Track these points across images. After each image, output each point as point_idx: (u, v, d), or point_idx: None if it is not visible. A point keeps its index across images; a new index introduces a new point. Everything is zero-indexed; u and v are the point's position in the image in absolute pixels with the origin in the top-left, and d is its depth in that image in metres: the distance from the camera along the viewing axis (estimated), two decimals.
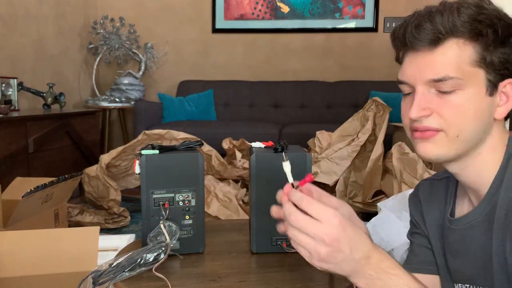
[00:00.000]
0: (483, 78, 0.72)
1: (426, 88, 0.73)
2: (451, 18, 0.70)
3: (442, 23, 0.70)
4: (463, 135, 0.73)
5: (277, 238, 1.08)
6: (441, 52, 0.71)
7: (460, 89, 0.71)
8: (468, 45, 0.71)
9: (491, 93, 0.73)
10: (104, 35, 4.30)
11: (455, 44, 0.71)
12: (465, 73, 0.71)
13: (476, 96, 0.72)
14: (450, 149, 0.74)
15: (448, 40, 0.71)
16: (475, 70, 0.71)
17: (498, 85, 0.73)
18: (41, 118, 3.06)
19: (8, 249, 1.34)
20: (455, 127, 0.72)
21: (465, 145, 0.74)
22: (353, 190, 2.75)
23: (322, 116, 4.13)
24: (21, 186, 1.97)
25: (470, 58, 0.71)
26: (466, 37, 0.71)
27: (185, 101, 4.16)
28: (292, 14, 4.41)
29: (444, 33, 0.71)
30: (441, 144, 0.74)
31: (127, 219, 2.60)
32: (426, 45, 0.72)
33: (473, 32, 0.70)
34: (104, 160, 2.63)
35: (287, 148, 1.10)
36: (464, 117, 0.72)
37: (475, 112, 0.72)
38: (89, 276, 0.89)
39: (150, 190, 1.04)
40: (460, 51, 0.71)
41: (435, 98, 0.73)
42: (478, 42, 0.71)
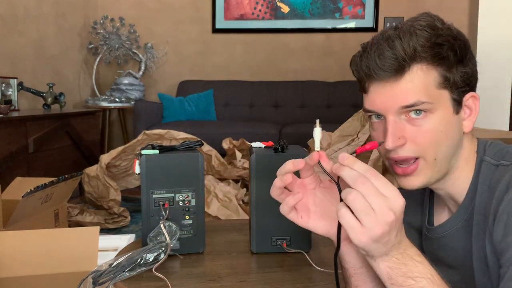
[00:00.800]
0: (448, 98, 0.73)
1: (397, 116, 0.73)
2: (411, 44, 0.70)
3: (403, 49, 0.70)
4: (439, 156, 0.74)
5: (277, 238, 1.08)
6: (409, 79, 0.71)
7: (430, 113, 0.72)
8: (431, 69, 0.72)
9: (457, 111, 0.75)
10: (104, 35, 4.30)
11: (420, 70, 0.71)
12: (432, 97, 0.72)
13: (445, 117, 0.73)
14: (433, 173, 0.75)
15: (412, 67, 0.71)
16: (440, 92, 0.73)
17: (462, 101, 0.75)
18: (41, 118, 3.06)
19: (8, 249, 1.34)
20: (431, 151, 0.73)
21: (444, 165, 0.76)
22: None
23: (322, 116, 4.13)
24: (21, 186, 1.97)
25: (435, 81, 0.72)
26: (429, 61, 0.71)
27: (185, 101, 4.16)
28: (292, 14, 4.41)
29: (408, 60, 0.71)
30: (424, 173, 0.75)
31: (127, 219, 2.60)
32: (392, 75, 0.72)
33: (435, 57, 0.71)
34: (104, 160, 2.63)
35: (287, 148, 1.11)
36: (437, 140, 0.73)
37: (446, 133, 0.74)
38: (89, 276, 0.89)
39: (150, 190, 1.04)
40: (425, 76, 0.72)
41: (406, 125, 0.73)
42: (440, 65, 0.72)
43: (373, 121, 0.78)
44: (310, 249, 1.08)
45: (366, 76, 0.75)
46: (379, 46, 0.72)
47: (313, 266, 1.00)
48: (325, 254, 1.06)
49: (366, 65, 0.73)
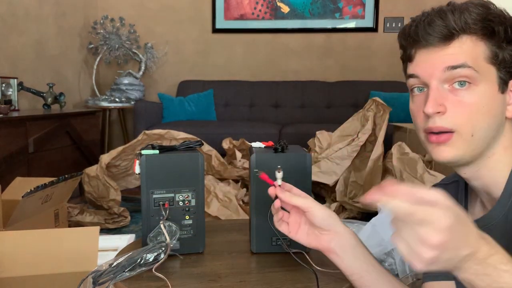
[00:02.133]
0: (495, 75, 0.72)
1: (440, 84, 0.73)
2: (463, 17, 0.72)
3: (454, 21, 0.72)
4: (477, 134, 0.72)
5: (277, 238, 1.08)
6: (457, 45, 0.72)
7: (474, 84, 0.71)
8: (481, 41, 0.72)
9: (503, 90, 0.73)
10: (104, 35, 4.30)
11: (469, 40, 0.72)
12: (479, 67, 0.71)
13: (490, 93, 0.72)
14: (466, 150, 0.73)
15: (461, 36, 0.72)
16: (488, 67, 0.72)
17: (508, 83, 0.74)
18: (41, 118, 3.06)
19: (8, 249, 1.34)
20: (469, 126, 0.72)
21: (480, 145, 0.73)
22: (353, 190, 2.74)
23: (322, 116, 4.13)
24: (21, 186, 1.97)
25: (484, 54, 0.72)
26: (479, 34, 0.72)
27: (185, 101, 4.16)
28: (292, 14, 4.41)
29: (458, 30, 0.72)
30: (457, 146, 0.73)
31: (127, 219, 2.60)
32: (441, 40, 0.72)
33: (485, 30, 0.72)
34: (104, 160, 2.63)
35: (287, 148, 1.11)
36: (478, 115, 0.72)
37: (489, 110, 0.72)
38: (89, 276, 0.89)
39: (150, 190, 1.04)
40: (474, 46, 0.72)
41: (449, 95, 0.73)
42: (490, 39, 0.72)
43: (414, 94, 0.78)
44: (310, 249, 1.08)
45: (414, 41, 0.75)
46: (430, 16, 0.74)
47: (313, 266, 1.00)
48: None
49: (414, 32, 0.75)
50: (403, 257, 0.55)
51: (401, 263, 1.90)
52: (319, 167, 2.78)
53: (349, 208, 2.65)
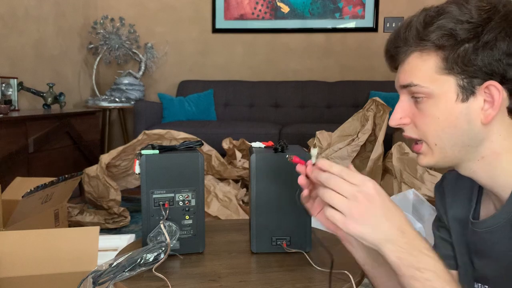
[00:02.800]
0: (453, 84, 0.71)
1: (405, 96, 0.77)
2: (406, 35, 0.73)
3: (401, 40, 0.74)
4: (440, 143, 0.74)
5: (277, 238, 1.08)
6: (407, 62, 0.75)
7: (429, 98, 0.73)
8: (430, 55, 0.72)
9: (465, 99, 0.71)
10: (104, 35, 4.30)
11: (418, 56, 0.73)
12: (431, 82, 0.72)
13: (446, 104, 0.72)
14: (438, 158, 0.76)
15: (411, 54, 0.74)
16: (443, 78, 0.71)
17: (475, 89, 0.70)
18: (41, 118, 3.06)
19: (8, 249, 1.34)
20: (430, 136, 0.74)
21: (450, 153, 0.74)
22: None
23: (322, 116, 4.14)
24: (21, 186, 1.97)
25: (435, 66, 0.72)
26: (428, 48, 0.72)
27: (185, 101, 4.16)
28: (292, 14, 4.41)
29: (403, 50, 0.74)
30: (428, 154, 0.76)
31: (127, 219, 2.60)
32: (399, 59, 0.76)
33: (427, 44, 0.71)
34: (104, 160, 2.63)
35: (287, 148, 1.11)
36: (435, 126, 0.73)
37: (446, 120, 0.72)
38: (89, 276, 0.89)
39: (150, 190, 1.04)
40: (422, 61, 0.73)
41: (412, 106, 0.76)
42: (439, 51, 0.71)
43: None
44: (310, 249, 1.08)
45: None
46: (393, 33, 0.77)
47: (313, 266, 1.00)
48: (325, 254, 1.06)
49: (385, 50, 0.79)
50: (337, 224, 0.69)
51: None
52: None
53: None
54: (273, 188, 1.07)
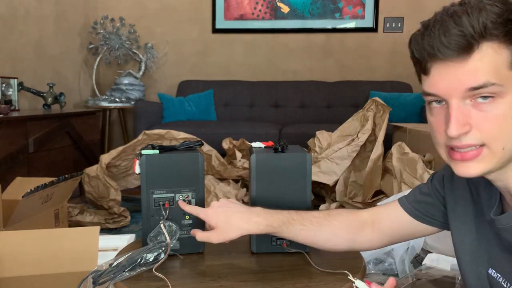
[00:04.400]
0: None
1: (461, 101, 0.67)
2: (481, 20, 0.64)
3: (472, 26, 0.64)
4: (508, 146, 0.68)
5: (277, 238, 1.08)
6: (478, 58, 0.65)
7: (499, 97, 0.66)
8: (503, 48, 0.65)
9: None
10: (104, 35, 4.30)
11: (490, 49, 0.65)
12: (504, 79, 0.65)
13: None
14: (496, 164, 0.69)
15: (482, 45, 0.65)
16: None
17: None
18: (41, 118, 3.06)
19: (8, 249, 1.34)
20: (499, 140, 0.67)
21: (510, 156, 0.69)
22: (353, 190, 2.75)
23: (322, 116, 4.13)
24: (21, 186, 1.97)
25: (507, 61, 0.65)
26: (501, 39, 0.65)
27: (185, 101, 4.16)
28: (292, 14, 4.41)
29: (477, 38, 0.64)
30: (487, 160, 0.69)
31: (127, 219, 2.60)
32: (460, 53, 0.65)
33: (508, 34, 0.65)
34: (104, 160, 2.63)
35: (287, 148, 1.11)
36: (507, 127, 0.67)
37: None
38: (89, 276, 0.89)
39: (150, 190, 1.04)
40: (496, 55, 0.65)
41: (472, 111, 0.67)
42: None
43: (432, 106, 0.72)
44: (310, 249, 1.08)
45: (429, 55, 0.68)
46: (443, 23, 0.66)
47: (313, 266, 1.00)
48: (325, 254, 1.06)
49: (429, 43, 0.67)
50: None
51: (401, 263, 1.90)
52: (319, 167, 2.78)
53: (349, 208, 2.65)
54: (273, 188, 1.07)
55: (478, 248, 0.83)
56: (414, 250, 1.91)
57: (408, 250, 1.89)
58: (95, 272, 0.89)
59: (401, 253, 1.89)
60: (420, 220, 0.95)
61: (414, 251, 1.91)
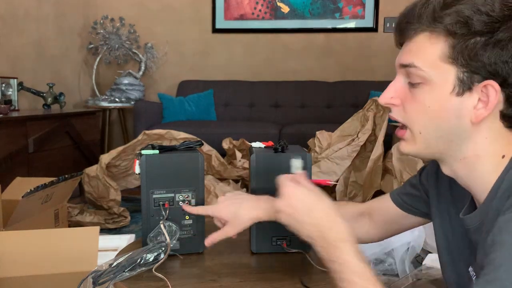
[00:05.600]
0: (452, 75, 0.68)
1: (402, 77, 0.74)
2: (421, 11, 0.69)
3: (418, 16, 0.70)
4: (424, 132, 0.72)
5: (277, 238, 1.08)
6: (414, 41, 0.71)
7: (424, 84, 0.70)
8: (439, 39, 0.68)
9: (460, 93, 0.68)
10: (104, 35, 4.30)
11: (427, 38, 0.69)
12: (432, 67, 0.69)
13: (439, 94, 0.69)
14: (419, 147, 0.74)
15: (420, 33, 0.70)
16: (444, 66, 0.68)
17: (473, 85, 0.67)
18: (41, 118, 3.06)
19: (8, 249, 1.34)
20: (416, 124, 0.72)
21: (433, 144, 0.73)
22: (353, 190, 2.75)
23: (322, 116, 4.13)
24: (21, 186, 1.97)
25: (441, 52, 0.68)
26: (439, 31, 0.68)
27: (185, 101, 4.16)
28: (292, 14, 4.41)
29: (417, 27, 0.70)
30: (410, 142, 0.75)
31: (127, 219, 2.60)
32: (407, 36, 0.73)
33: (440, 27, 0.67)
34: (104, 160, 2.63)
35: (287, 148, 1.11)
36: (423, 114, 0.71)
37: (436, 111, 0.70)
38: (89, 276, 0.89)
39: (150, 190, 1.04)
40: (429, 44, 0.69)
41: (406, 89, 0.73)
42: (449, 37, 0.67)
43: None
44: (310, 249, 1.08)
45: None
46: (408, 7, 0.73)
47: (314, 266, 1.00)
48: None
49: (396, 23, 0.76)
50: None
51: (401, 263, 1.90)
52: (319, 167, 2.78)
53: None
54: (273, 188, 1.07)
55: (457, 247, 0.84)
56: (414, 250, 1.91)
57: (408, 250, 1.89)
58: (95, 272, 0.90)
59: (401, 253, 1.89)
60: (406, 210, 0.97)
61: (414, 251, 1.91)
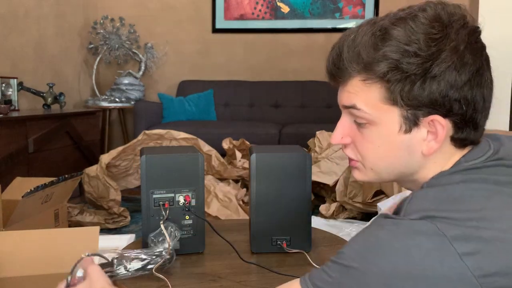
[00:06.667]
0: (397, 115, 0.68)
1: (348, 116, 0.74)
2: (348, 56, 0.69)
3: (348, 61, 0.69)
4: (376, 169, 0.73)
5: (277, 238, 1.08)
6: (350, 84, 0.70)
7: (370, 124, 0.70)
8: (374, 83, 0.67)
9: (408, 130, 0.68)
10: (104, 35, 4.30)
11: (361, 82, 0.69)
12: (375, 109, 0.68)
13: (387, 134, 0.69)
14: (371, 178, 0.75)
15: (355, 77, 0.69)
16: (386, 107, 0.68)
17: (419, 120, 0.67)
18: (41, 118, 3.06)
19: (8, 249, 1.34)
20: (368, 161, 0.73)
21: (385, 176, 0.74)
22: (353, 190, 2.74)
23: (322, 116, 4.13)
24: (21, 186, 1.97)
25: (379, 95, 0.67)
26: (371, 76, 0.67)
27: (185, 101, 4.16)
28: (292, 14, 4.41)
29: (350, 72, 0.69)
30: (362, 172, 0.75)
31: (127, 219, 2.60)
32: (341, 80, 0.72)
33: (373, 73, 0.67)
34: (104, 160, 2.63)
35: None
36: (374, 153, 0.71)
37: (387, 150, 0.70)
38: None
39: (150, 190, 1.04)
40: (366, 88, 0.68)
41: (354, 128, 0.73)
42: (383, 82, 0.66)
43: None
44: (310, 249, 1.08)
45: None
46: (335, 48, 0.73)
47: (314, 266, 1.00)
48: (325, 254, 1.06)
49: (326, 67, 0.76)
50: None
51: None
52: (319, 167, 2.78)
53: (349, 208, 2.65)
54: (273, 188, 1.07)
55: None
56: None
57: None
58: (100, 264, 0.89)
59: None
60: None
61: None
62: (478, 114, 0.68)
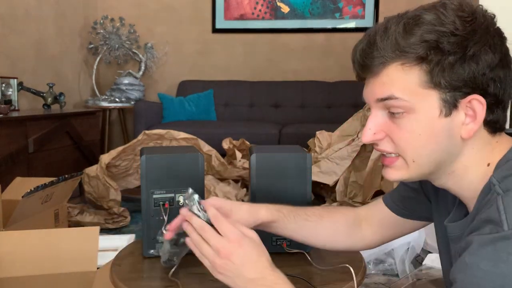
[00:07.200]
0: (436, 99, 0.67)
1: (379, 110, 0.72)
2: (382, 45, 0.68)
3: (382, 48, 0.68)
4: (419, 160, 0.71)
5: (277, 238, 1.08)
6: (386, 73, 0.69)
7: (408, 113, 0.69)
8: (412, 68, 0.67)
9: (448, 113, 0.68)
10: (104, 35, 4.30)
11: (399, 67, 0.68)
12: (413, 95, 0.68)
13: (427, 120, 0.68)
14: (412, 173, 0.73)
15: (391, 64, 0.68)
16: (425, 92, 0.67)
17: (458, 102, 0.67)
18: (41, 118, 3.06)
19: (8, 249, 1.34)
20: (409, 153, 0.71)
21: (426, 168, 0.72)
22: (353, 190, 2.75)
23: (322, 116, 4.13)
24: (21, 186, 1.97)
25: (419, 79, 0.67)
26: (411, 60, 0.67)
27: (185, 101, 4.16)
28: (292, 14, 4.41)
29: (386, 60, 0.68)
30: (401, 169, 0.73)
31: (127, 219, 2.60)
32: (373, 70, 0.71)
33: (418, 56, 0.66)
34: (104, 160, 2.63)
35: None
36: (415, 142, 0.70)
37: (428, 137, 0.69)
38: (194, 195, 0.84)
39: (150, 190, 1.04)
40: (404, 74, 0.68)
41: (387, 121, 0.72)
42: (423, 64, 0.67)
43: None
44: (310, 249, 1.08)
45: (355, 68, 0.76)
46: (364, 40, 0.72)
47: (314, 266, 1.00)
48: (325, 254, 1.06)
49: (353, 60, 0.74)
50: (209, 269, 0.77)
51: (401, 263, 1.90)
52: (319, 167, 2.78)
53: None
54: (273, 188, 1.07)
55: (445, 256, 0.84)
56: (414, 250, 1.91)
57: (408, 250, 1.89)
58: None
59: (401, 253, 1.89)
60: (404, 216, 0.94)
61: (414, 251, 1.91)
62: (506, 95, 0.69)
